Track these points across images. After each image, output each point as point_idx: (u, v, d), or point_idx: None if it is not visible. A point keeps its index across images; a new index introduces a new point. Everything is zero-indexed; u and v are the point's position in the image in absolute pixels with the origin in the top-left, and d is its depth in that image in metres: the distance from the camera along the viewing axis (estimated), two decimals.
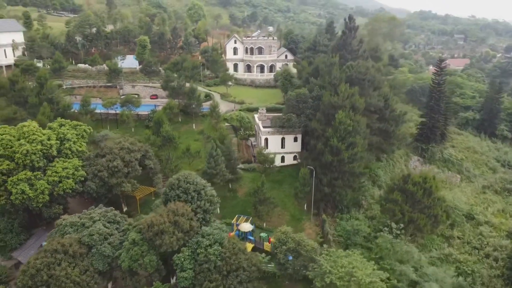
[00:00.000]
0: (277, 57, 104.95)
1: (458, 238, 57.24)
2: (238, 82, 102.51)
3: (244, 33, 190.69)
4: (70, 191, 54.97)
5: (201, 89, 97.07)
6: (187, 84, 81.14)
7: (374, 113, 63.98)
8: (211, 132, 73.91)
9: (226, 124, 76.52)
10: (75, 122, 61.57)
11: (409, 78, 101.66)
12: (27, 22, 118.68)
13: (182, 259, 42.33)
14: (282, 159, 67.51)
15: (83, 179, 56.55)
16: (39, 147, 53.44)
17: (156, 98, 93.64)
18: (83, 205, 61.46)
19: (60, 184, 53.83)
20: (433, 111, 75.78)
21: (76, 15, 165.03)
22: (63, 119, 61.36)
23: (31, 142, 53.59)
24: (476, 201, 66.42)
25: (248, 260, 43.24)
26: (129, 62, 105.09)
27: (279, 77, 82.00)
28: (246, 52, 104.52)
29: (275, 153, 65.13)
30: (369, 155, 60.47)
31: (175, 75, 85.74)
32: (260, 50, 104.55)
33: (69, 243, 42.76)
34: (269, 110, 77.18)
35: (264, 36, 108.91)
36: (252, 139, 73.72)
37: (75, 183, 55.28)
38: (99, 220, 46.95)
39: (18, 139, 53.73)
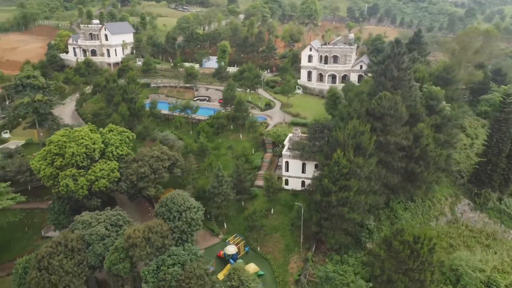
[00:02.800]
0: (352, 67, 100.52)
1: None
2: (307, 91, 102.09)
3: (360, 27, 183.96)
4: (105, 188, 65.66)
5: (267, 96, 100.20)
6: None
7: (400, 150, 58.81)
8: (247, 145, 77.37)
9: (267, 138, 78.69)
10: (121, 129, 71.94)
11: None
12: (142, 23, 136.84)
13: (146, 272, 48.24)
14: (303, 183, 67.25)
15: (117, 179, 66.70)
16: (83, 150, 64.81)
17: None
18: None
19: (96, 182, 64.70)
20: (494, 152, 64.84)
21: (198, 10, 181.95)
22: (113, 125, 72.31)
23: (79, 145, 65.41)
24: None
25: (201, 286, 46.80)
26: (212, 63, 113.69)
27: (328, 95, 79.70)
28: (320, 60, 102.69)
29: (295, 177, 65.54)
30: (378, 198, 56.35)
31: (236, 84, 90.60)
32: (336, 59, 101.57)
33: (70, 238, 52.56)
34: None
35: (343, 44, 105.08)
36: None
37: (109, 183, 65.70)
38: (104, 222, 55.82)
39: (70, 142, 66.09)
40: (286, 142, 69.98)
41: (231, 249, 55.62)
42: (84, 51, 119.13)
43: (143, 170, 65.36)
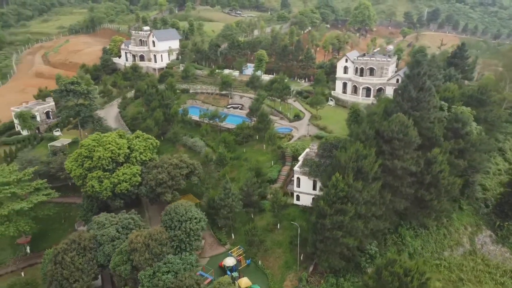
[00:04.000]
0: (388, 80, 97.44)
1: None
2: (340, 103, 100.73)
3: (416, 34, 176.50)
4: (126, 191, 70.55)
5: (299, 107, 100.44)
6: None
7: (411, 175, 56.88)
8: (267, 157, 78.58)
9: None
10: (146, 136, 76.53)
11: None
12: (190, 29, 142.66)
13: (143, 277, 51.61)
14: (313, 200, 67.16)
15: (138, 183, 71.29)
16: (108, 154, 70.13)
17: None
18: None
19: (119, 185, 69.73)
20: None
21: (250, 15, 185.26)
22: (139, 132, 77.16)
23: (105, 149, 70.84)
24: None
25: None
26: (251, 71, 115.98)
27: (349, 111, 78.27)
28: (356, 72, 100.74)
29: (306, 193, 65.78)
30: (381, 223, 54.96)
31: (266, 94, 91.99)
32: (372, 71, 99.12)
33: (84, 237, 57.57)
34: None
35: (381, 55, 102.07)
36: None
37: (131, 186, 70.50)
38: (116, 224, 60.29)
39: (99, 146, 71.75)
40: (300, 158, 70.23)
41: (229, 261, 57.41)
42: (134, 56, 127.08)
43: (161, 177, 69.15)
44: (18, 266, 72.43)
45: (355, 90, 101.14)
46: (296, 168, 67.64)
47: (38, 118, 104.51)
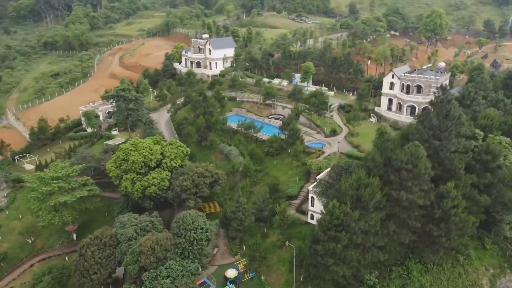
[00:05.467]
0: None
1: None
2: (382, 121, 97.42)
3: (495, 44, 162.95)
4: (155, 194, 76.32)
5: (338, 121, 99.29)
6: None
7: (420, 208, 54.51)
8: (293, 172, 79.44)
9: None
10: (178, 143, 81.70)
11: None
12: (249, 37, 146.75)
13: (146, 278, 56.22)
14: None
15: (166, 188, 76.70)
16: (141, 159, 76.42)
17: None
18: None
19: (148, 188, 75.74)
20: None
21: (314, 21, 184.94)
22: (173, 139, 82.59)
23: (139, 154, 77.23)
24: None
25: None
26: (297, 81, 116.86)
27: (376, 132, 75.73)
28: (402, 88, 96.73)
29: (319, 213, 65.82)
30: (380, 254, 53.42)
31: (303, 108, 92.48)
32: (419, 89, 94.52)
33: (105, 234, 64.04)
34: None
35: (430, 72, 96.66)
36: None
37: (159, 190, 76.13)
38: (136, 225, 65.93)
39: (134, 150, 78.36)
40: (319, 177, 70.22)
41: (230, 273, 59.90)
42: (192, 63, 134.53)
43: (186, 184, 73.82)
44: (63, 251, 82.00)
45: (399, 107, 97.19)
46: (310, 187, 67.94)
47: (100, 118, 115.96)
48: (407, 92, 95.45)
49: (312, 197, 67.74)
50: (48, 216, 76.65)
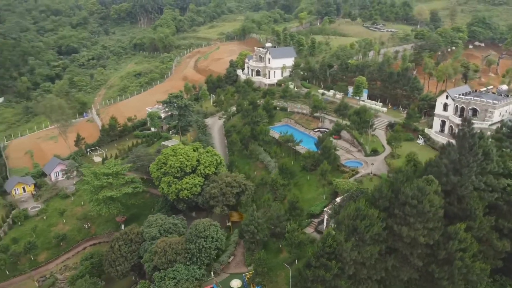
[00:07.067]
0: (489, 125, 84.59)
1: None
2: (430, 143, 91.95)
3: None
4: (187, 198, 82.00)
5: (382, 140, 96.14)
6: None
7: (425, 246, 52.09)
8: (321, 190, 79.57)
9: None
10: (215, 152, 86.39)
11: None
12: (312, 46, 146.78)
13: (155, 277, 61.62)
14: None
15: (197, 193, 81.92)
16: (178, 164, 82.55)
17: (339, 138, 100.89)
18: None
19: (181, 192, 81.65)
20: None
21: (389, 29, 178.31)
22: (210, 148, 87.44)
23: (177, 160, 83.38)
24: None
25: None
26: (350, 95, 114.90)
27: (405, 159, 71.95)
28: (455, 111, 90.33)
29: None
30: (375, 287, 52.11)
31: (344, 124, 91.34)
32: (474, 112, 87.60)
33: (133, 232, 71.06)
34: None
35: (489, 95, 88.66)
36: None
37: (191, 194, 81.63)
38: (160, 226, 71.94)
39: (173, 156, 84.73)
40: (338, 199, 69.73)
41: (235, 283, 62.87)
42: (252, 71, 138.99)
43: (214, 191, 78.33)
44: (109, 239, 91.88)
45: (451, 131, 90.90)
46: (326, 209, 67.85)
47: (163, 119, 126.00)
48: (461, 115, 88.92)
49: (327, 219, 67.69)
50: (97, 207, 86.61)
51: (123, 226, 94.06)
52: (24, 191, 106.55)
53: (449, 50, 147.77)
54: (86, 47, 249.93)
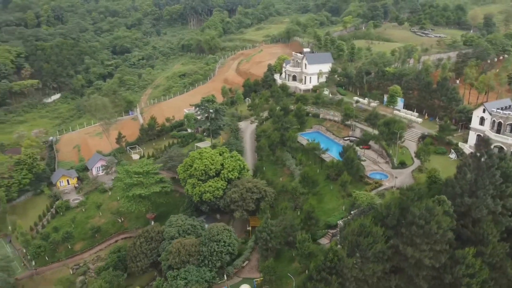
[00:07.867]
0: None
1: None
2: (462, 158, 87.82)
3: None
4: (210, 200, 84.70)
5: (411, 153, 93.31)
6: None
7: (433, 268, 50.78)
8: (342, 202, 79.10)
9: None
10: (238, 157, 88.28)
11: None
12: (351, 53, 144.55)
13: (169, 275, 64.64)
14: None
15: (219, 197, 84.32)
16: (202, 167, 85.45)
17: (368, 148, 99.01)
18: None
19: (204, 194, 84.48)
20: None
21: (438, 35, 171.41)
22: (235, 152, 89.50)
23: (201, 163, 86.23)
24: None
25: None
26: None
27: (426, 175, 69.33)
28: (492, 126, 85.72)
29: None
30: None
31: (371, 135, 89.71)
32: None
33: (153, 230, 74.80)
34: None
35: None
36: None
37: (213, 197, 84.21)
38: (180, 226, 75.08)
39: (198, 159, 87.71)
40: (353, 212, 69.08)
41: None
42: (289, 76, 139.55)
43: (234, 196, 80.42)
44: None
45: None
46: (340, 221, 67.50)
47: None
48: (498, 131, 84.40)
49: (338, 232, 67.37)
50: (127, 204, 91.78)
51: (152, 223, 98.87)
52: (68, 183, 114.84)
53: (501, 58, 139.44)
54: (138, 47, 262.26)
